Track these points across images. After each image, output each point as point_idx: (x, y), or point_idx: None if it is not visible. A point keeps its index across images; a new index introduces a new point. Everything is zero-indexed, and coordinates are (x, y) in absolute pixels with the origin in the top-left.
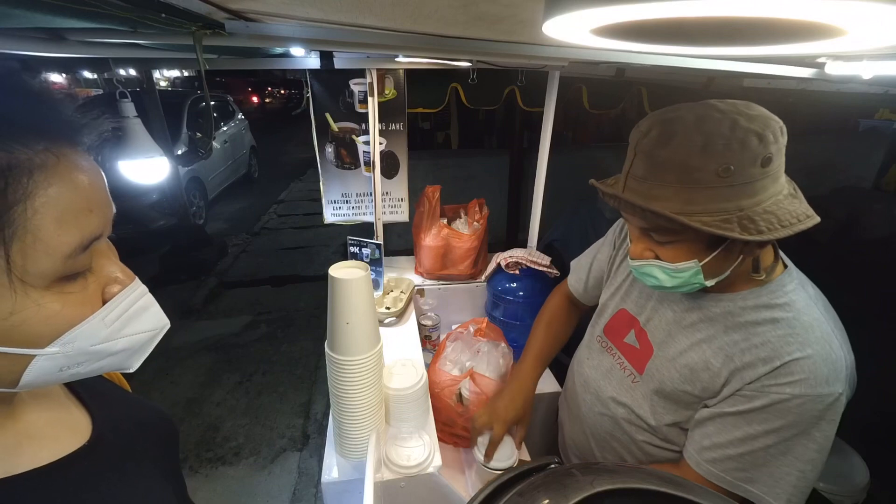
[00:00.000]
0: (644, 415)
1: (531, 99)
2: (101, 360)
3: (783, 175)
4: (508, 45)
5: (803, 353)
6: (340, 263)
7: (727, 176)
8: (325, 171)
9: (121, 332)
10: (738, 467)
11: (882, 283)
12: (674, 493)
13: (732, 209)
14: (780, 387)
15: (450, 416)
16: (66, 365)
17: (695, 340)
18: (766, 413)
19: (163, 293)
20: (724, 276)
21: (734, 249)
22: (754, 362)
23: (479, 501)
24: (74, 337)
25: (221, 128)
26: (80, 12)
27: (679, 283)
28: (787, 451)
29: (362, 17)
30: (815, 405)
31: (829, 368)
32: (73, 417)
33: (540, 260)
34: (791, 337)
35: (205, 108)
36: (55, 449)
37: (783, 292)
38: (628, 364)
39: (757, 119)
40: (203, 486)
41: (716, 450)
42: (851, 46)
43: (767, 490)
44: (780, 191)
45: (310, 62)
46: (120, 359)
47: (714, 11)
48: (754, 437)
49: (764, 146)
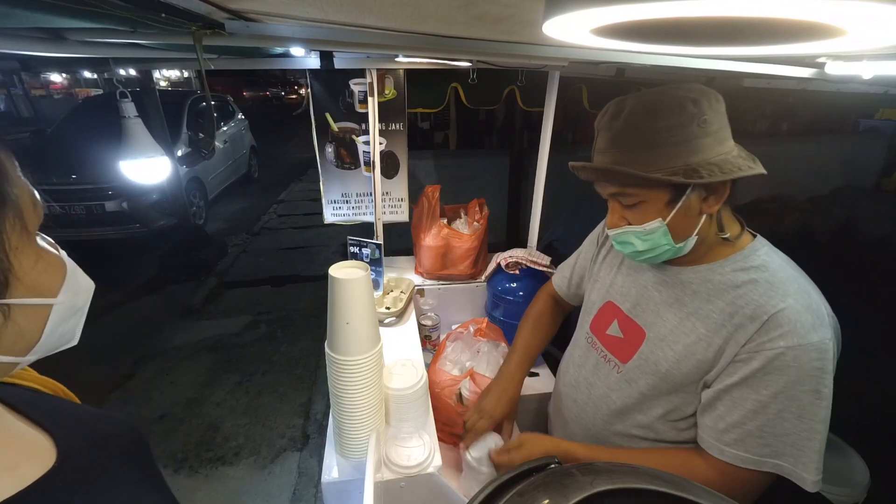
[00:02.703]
0: (631, 406)
1: (531, 99)
2: (71, 318)
3: (730, 140)
4: (508, 45)
5: (785, 304)
6: (340, 263)
7: (670, 135)
8: (325, 171)
9: (79, 286)
10: (761, 443)
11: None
12: (674, 493)
13: (680, 165)
14: (771, 342)
15: (450, 416)
16: (64, 317)
17: (682, 315)
18: (768, 375)
19: (163, 293)
20: (692, 239)
21: (693, 207)
22: (743, 322)
23: (479, 501)
24: (69, 286)
25: (221, 128)
26: (80, 12)
27: (651, 245)
28: (802, 413)
29: (362, 17)
30: (809, 355)
31: (811, 315)
32: (29, 440)
33: (540, 260)
34: (772, 291)
35: (205, 108)
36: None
37: (756, 256)
38: (611, 356)
39: (692, 90)
40: (203, 486)
41: (733, 430)
42: (851, 46)
43: (794, 461)
44: (730, 151)
45: (310, 62)
46: (76, 321)
47: (714, 11)
48: (765, 404)
49: (699, 109)
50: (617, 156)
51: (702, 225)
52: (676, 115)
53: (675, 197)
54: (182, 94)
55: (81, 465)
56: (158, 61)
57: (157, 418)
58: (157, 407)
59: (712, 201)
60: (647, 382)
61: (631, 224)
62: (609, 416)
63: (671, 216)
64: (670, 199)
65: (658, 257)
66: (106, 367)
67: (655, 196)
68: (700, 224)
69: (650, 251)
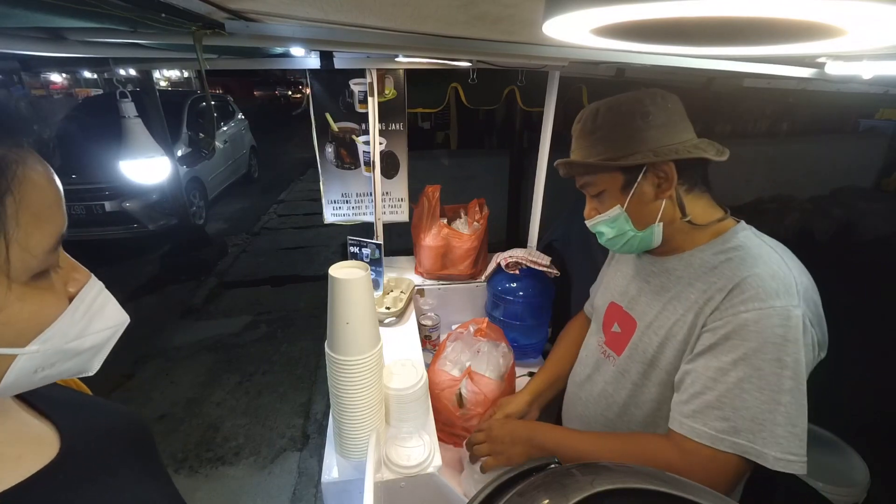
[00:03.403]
0: (627, 400)
1: (531, 99)
2: (70, 359)
3: (685, 133)
4: (508, 45)
5: (750, 272)
6: (340, 263)
7: (614, 130)
8: (325, 171)
9: (88, 329)
10: (719, 416)
11: (882, 283)
12: (674, 493)
13: (627, 153)
14: (734, 307)
15: (450, 417)
16: (41, 365)
17: (665, 300)
18: (729, 341)
19: (163, 293)
20: (657, 226)
21: (647, 193)
22: (713, 295)
23: (479, 501)
24: (52, 334)
25: (221, 128)
26: (80, 12)
27: (617, 232)
28: (763, 384)
29: (362, 17)
30: (771, 320)
31: (777, 283)
32: (36, 432)
33: (540, 260)
34: (742, 265)
35: (205, 108)
36: (18, 470)
37: (735, 239)
38: (610, 351)
39: (642, 92)
40: (203, 486)
41: (693, 401)
42: (851, 46)
43: (753, 437)
44: (680, 142)
45: (310, 62)
46: (85, 358)
47: (714, 11)
48: (724, 370)
49: (641, 106)
50: (577, 153)
51: (664, 211)
52: (620, 114)
53: (627, 182)
54: (182, 94)
55: (83, 459)
56: (158, 61)
57: (157, 418)
58: (157, 407)
59: (664, 186)
60: (637, 371)
61: (599, 212)
62: (608, 413)
63: (627, 202)
64: (623, 185)
65: (629, 244)
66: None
67: (612, 184)
68: (661, 210)
69: (619, 237)
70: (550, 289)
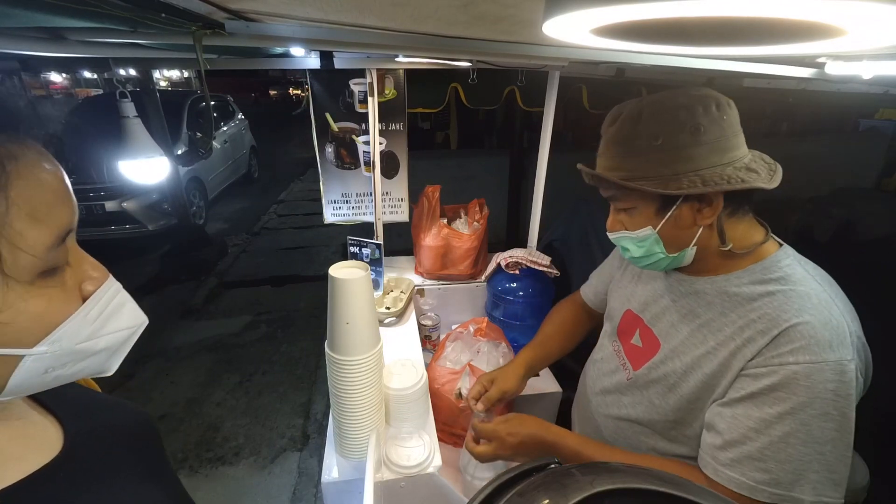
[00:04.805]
0: (640, 415)
1: (531, 99)
2: (83, 360)
3: (737, 150)
4: (508, 45)
5: (800, 319)
6: (340, 263)
7: (658, 142)
8: (325, 171)
9: (102, 330)
10: (760, 468)
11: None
12: (674, 493)
13: (668, 174)
14: (781, 357)
15: (450, 416)
16: (51, 366)
17: (695, 327)
18: (776, 392)
19: (163, 293)
20: (690, 250)
21: (685, 217)
22: (753, 336)
23: (479, 501)
24: (61, 335)
25: (221, 128)
26: (80, 12)
27: (644, 252)
28: (808, 439)
29: (362, 17)
30: (823, 375)
31: (830, 333)
32: (40, 430)
33: (540, 260)
34: (787, 305)
35: (205, 108)
36: (20, 469)
37: (777, 267)
38: (629, 363)
39: (693, 97)
40: (203, 486)
41: (731, 449)
42: (851, 46)
43: (791, 486)
44: (732, 161)
45: (310, 62)
46: (100, 359)
47: (714, 11)
48: (769, 423)
49: (691, 116)
50: (608, 161)
51: (700, 236)
52: (665, 123)
53: (664, 206)
54: (182, 94)
55: (85, 458)
56: (158, 61)
57: (157, 418)
58: (157, 407)
59: (707, 213)
60: (657, 392)
61: (626, 229)
62: (617, 421)
63: (661, 225)
64: (659, 208)
65: (657, 265)
66: None
67: (645, 203)
68: (697, 236)
69: (646, 258)
70: (550, 289)
